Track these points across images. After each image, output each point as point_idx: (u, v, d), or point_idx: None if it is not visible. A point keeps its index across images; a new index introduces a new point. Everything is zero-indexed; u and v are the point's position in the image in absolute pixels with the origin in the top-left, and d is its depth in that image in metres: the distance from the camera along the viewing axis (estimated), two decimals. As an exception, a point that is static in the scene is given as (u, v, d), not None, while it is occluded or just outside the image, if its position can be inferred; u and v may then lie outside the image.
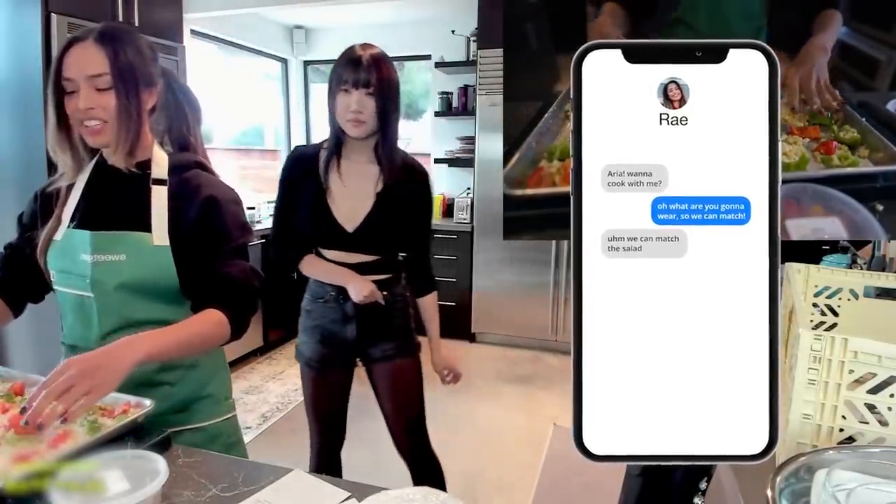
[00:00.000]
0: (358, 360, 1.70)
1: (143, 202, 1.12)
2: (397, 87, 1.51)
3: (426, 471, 1.76)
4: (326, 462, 1.75)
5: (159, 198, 1.12)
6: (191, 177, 1.16)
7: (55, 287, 1.15)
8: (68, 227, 1.13)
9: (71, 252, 1.11)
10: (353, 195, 1.55)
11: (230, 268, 1.14)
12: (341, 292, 1.56)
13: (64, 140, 1.10)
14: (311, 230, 1.57)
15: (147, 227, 1.10)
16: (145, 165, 1.14)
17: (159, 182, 1.13)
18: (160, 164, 1.15)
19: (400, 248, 1.65)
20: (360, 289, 1.51)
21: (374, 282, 1.56)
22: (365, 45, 1.49)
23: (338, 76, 1.47)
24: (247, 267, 1.17)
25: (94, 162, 1.16)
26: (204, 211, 1.14)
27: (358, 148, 1.54)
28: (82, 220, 1.13)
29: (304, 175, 1.57)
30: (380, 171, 1.54)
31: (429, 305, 1.71)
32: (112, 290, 1.09)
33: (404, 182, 1.56)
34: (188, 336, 1.06)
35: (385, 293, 1.57)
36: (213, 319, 1.09)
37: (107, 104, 1.05)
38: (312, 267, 1.61)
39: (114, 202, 1.13)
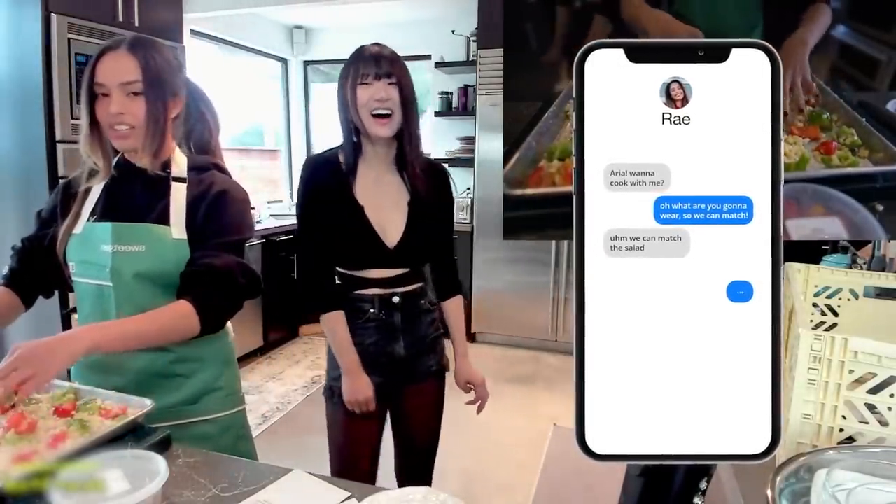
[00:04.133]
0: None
1: (163, 198, 1.16)
2: (413, 87, 1.40)
3: None
4: None
5: (178, 194, 1.17)
6: (206, 176, 1.21)
7: (73, 278, 1.18)
8: (88, 220, 1.17)
9: (91, 243, 1.15)
10: (388, 209, 1.41)
11: (213, 260, 1.14)
12: (384, 303, 1.41)
13: (96, 142, 1.14)
14: (349, 251, 1.41)
15: (166, 221, 1.15)
16: (166, 165, 1.19)
17: (179, 180, 1.18)
18: (180, 164, 1.20)
19: (432, 254, 1.51)
20: (355, 392, 1.38)
21: (411, 292, 1.44)
22: (378, 44, 1.40)
23: (355, 70, 1.34)
24: (233, 262, 1.15)
25: (114, 160, 1.20)
26: (213, 206, 1.18)
27: (380, 154, 1.41)
28: (104, 213, 1.17)
29: (332, 189, 1.40)
30: (406, 179, 1.42)
31: (455, 309, 1.58)
32: (130, 278, 1.13)
33: (430, 185, 1.44)
34: (144, 327, 1.06)
35: (423, 302, 1.48)
36: (178, 311, 1.10)
37: (136, 110, 1.10)
38: (330, 330, 1.42)
39: (135, 197, 1.17)
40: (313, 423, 2.24)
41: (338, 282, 1.46)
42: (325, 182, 1.40)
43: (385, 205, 1.42)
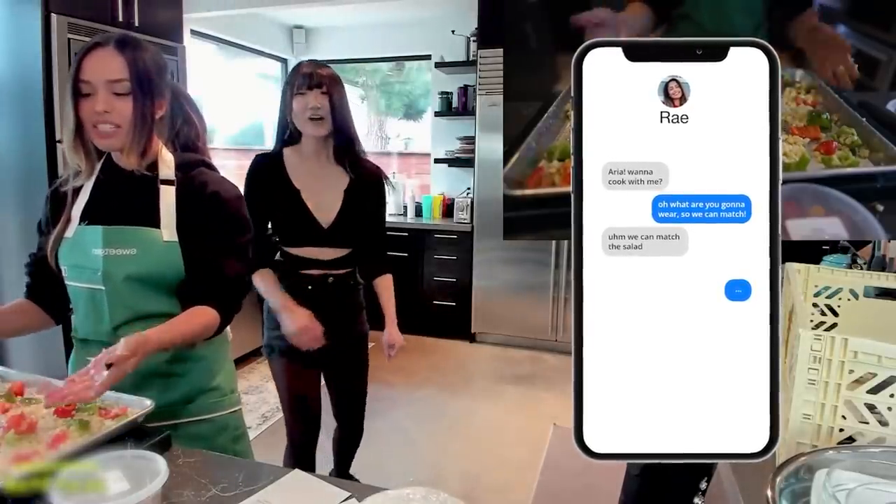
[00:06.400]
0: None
1: (152, 200, 1.15)
2: (346, 95, 1.70)
3: (353, 436, 2.01)
4: (304, 456, 1.84)
5: (167, 196, 1.16)
6: (196, 174, 1.20)
7: (67, 282, 1.18)
8: (79, 224, 1.16)
9: (83, 247, 1.14)
10: (323, 193, 1.70)
11: (228, 267, 1.17)
12: (318, 285, 1.71)
13: (79, 142, 1.13)
14: (288, 229, 1.70)
15: (156, 224, 1.14)
16: (153, 167, 1.18)
17: (167, 182, 1.17)
18: (167, 165, 1.18)
19: (363, 240, 1.78)
20: (296, 321, 1.62)
21: (343, 274, 1.74)
22: (311, 61, 1.72)
23: (293, 82, 1.66)
24: (242, 267, 1.21)
25: (101, 162, 1.19)
26: (208, 208, 1.17)
27: (318, 148, 1.70)
28: (94, 216, 1.16)
29: (271, 178, 1.69)
30: (345, 170, 1.71)
31: (385, 285, 1.86)
32: (121, 281, 1.12)
33: (366, 180, 1.74)
34: (189, 330, 1.11)
35: (352, 282, 1.78)
36: (210, 316, 1.13)
37: (122, 109, 1.09)
38: (262, 282, 1.68)
39: (124, 200, 1.16)
40: (313, 423, 2.26)
41: (279, 258, 1.74)
42: (266, 170, 1.70)
43: (322, 190, 1.70)
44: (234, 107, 4.77)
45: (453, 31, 4.48)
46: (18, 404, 1.01)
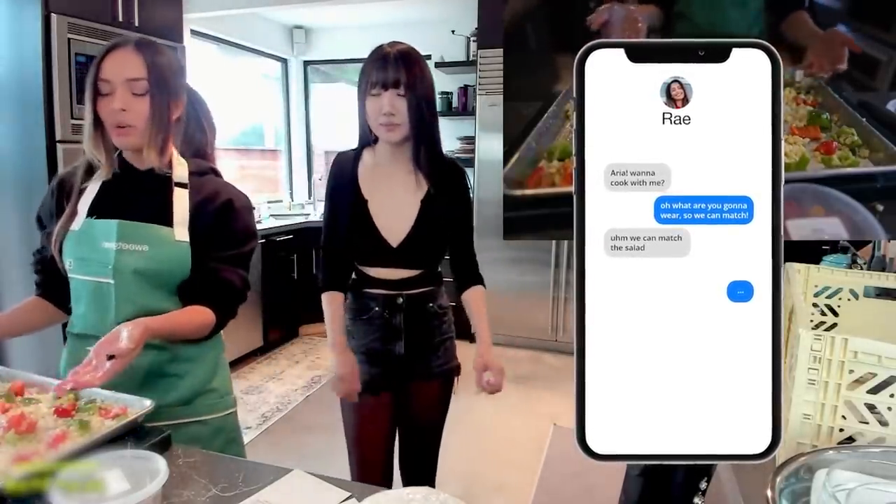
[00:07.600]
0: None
1: (165, 199, 1.18)
2: (431, 85, 1.41)
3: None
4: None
5: (181, 198, 1.19)
6: (207, 181, 1.24)
7: (71, 275, 1.19)
8: (88, 217, 1.18)
9: (91, 241, 1.16)
10: (395, 206, 1.45)
11: (232, 274, 1.22)
12: (387, 306, 1.47)
13: (99, 139, 1.16)
14: (352, 245, 1.47)
15: (169, 223, 1.17)
16: (167, 166, 1.21)
17: (181, 185, 1.20)
18: (180, 169, 1.22)
19: (444, 253, 1.54)
20: (337, 367, 1.44)
21: (417, 295, 1.49)
22: (393, 43, 1.41)
23: (366, 78, 1.39)
24: (244, 276, 1.25)
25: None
26: (220, 214, 1.21)
27: (395, 153, 1.45)
28: (105, 211, 1.18)
29: (342, 181, 1.47)
30: (424, 178, 1.44)
31: (477, 299, 1.60)
32: (130, 275, 1.15)
33: (445, 183, 1.47)
34: (187, 326, 1.15)
35: (431, 305, 1.53)
36: (206, 319, 1.17)
37: (139, 108, 1.12)
38: (327, 306, 1.49)
39: (138, 198, 1.19)
40: (313, 423, 2.24)
41: (354, 277, 1.52)
42: (341, 174, 1.48)
43: (394, 202, 1.45)
44: (235, 107, 4.77)
45: (453, 31, 4.49)
46: (18, 404, 1.01)
